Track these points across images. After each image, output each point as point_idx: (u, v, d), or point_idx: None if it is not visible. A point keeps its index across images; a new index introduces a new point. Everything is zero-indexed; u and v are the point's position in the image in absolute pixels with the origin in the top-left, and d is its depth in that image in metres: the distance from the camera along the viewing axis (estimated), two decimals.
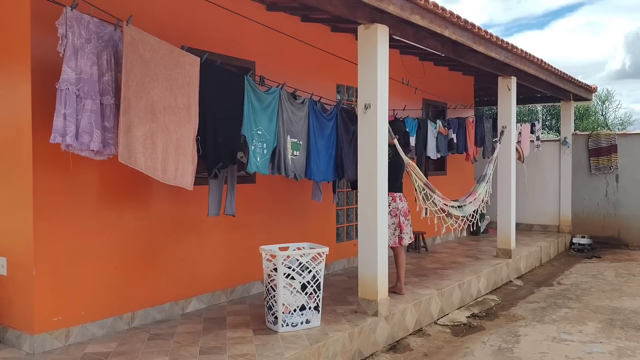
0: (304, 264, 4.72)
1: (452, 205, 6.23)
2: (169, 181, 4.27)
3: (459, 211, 6.43)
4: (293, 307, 4.67)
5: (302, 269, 4.71)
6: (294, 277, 4.65)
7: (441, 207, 5.98)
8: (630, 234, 11.07)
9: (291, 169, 5.47)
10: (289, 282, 4.62)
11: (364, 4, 4.78)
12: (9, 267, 4.34)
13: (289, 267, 4.64)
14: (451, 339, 5.54)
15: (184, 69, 4.40)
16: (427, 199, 5.81)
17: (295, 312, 4.68)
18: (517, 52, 7.71)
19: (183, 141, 4.35)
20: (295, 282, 4.65)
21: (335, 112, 6.10)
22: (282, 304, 4.60)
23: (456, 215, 6.39)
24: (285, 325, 4.64)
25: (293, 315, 4.67)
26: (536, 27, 78.32)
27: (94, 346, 4.30)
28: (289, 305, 4.64)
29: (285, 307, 4.63)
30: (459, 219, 6.47)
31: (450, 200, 6.26)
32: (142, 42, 4.08)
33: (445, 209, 6.09)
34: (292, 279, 4.64)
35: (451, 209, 6.21)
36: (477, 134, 9.56)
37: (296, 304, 4.68)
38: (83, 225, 4.44)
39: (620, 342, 5.40)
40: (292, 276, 4.63)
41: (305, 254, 4.74)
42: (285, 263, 4.62)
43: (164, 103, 4.22)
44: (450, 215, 6.29)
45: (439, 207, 5.93)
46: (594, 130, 16.44)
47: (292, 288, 4.65)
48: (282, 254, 4.63)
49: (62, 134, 3.70)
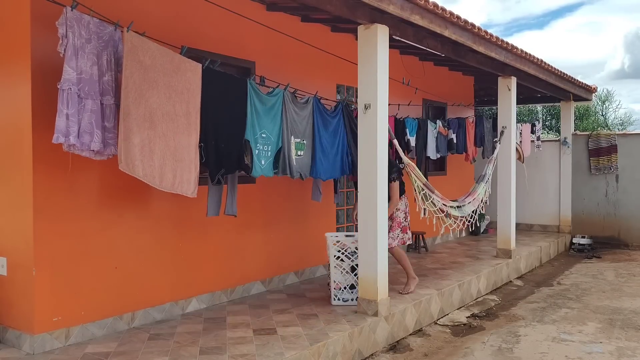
0: (353, 250, 5.45)
1: (451, 205, 6.24)
2: (166, 189, 4.24)
3: (458, 211, 6.44)
4: (343, 284, 5.53)
5: (350, 253, 5.48)
6: (343, 260, 5.50)
7: (440, 207, 5.99)
8: (630, 234, 11.07)
9: (296, 169, 5.46)
10: (338, 263, 5.49)
11: (364, 4, 4.77)
12: (9, 267, 4.34)
13: (339, 250, 5.47)
14: (451, 339, 5.54)
15: (185, 75, 4.37)
16: (426, 199, 5.82)
17: (345, 289, 5.52)
18: (517, 52, 7.71)
19: (181, 149, 4.32)
20: (344, 264, 5.51)
21: (341, 109, 6.11)
22: (333, 281, 5.50)
23: (455, 215, 6.40)
24: (336, 299, 5.50)
25: (343, 292, 5.52)
26: (536, 27, 78.37)
27: (94, 346, 4.30)
28: (339, 283, 5.52)
29: (337, 284, 5.52)
30: (458, 219, 6.47)
31: (449, 201, 6.26)
32: (142, 49, 4.07)
33: (444, 209, 6.10)
34: (341, 260, 5.50)
35: (450, 209, 6.22)
36: (477, 134, 9.55)
37: (346, 282, 5.53)
38: (83, 225, 4.44)
39: (620, 342, 5.40)
40: (341, 258, 5.49)
41: (353, 241, 5.48)
42: (336, 247, 5.48)
43: (162, 110, 4.19)
44: (449, 215, 6.29)
45: (437, 208, 5.94)
46: (594, 130, 16.43)
47: (342, 269, 5.50)
48: (333, 239, 5.53)
49: (65, 134, 3.70)
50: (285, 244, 6.54)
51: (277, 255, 6.42)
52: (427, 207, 5.83)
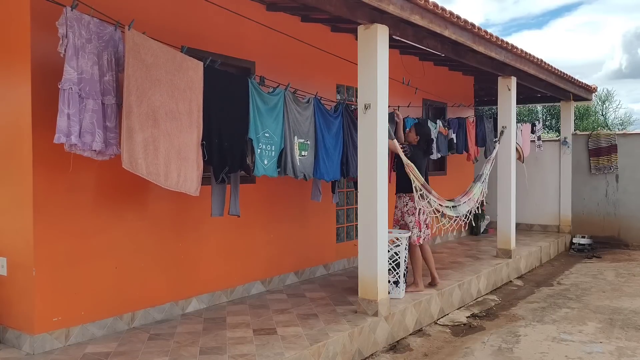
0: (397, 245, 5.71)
1: (446, 205, 6.28)
2: (171, 187, 4.26)
3: (453, 211, 6.46)
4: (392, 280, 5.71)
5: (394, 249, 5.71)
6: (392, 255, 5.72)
7: (436, 207, 6.04)
8: (630, 234, 11.06)
9: (300, 170, 5.46)
10: None
11: (364, 4, 4.77)
12: (9, 267, 4.34)
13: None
14: (451, 339, 5.54)
15: (187, 73, 4.38)
16: (423, 199, 5.86)
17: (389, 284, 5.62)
18: (517, 52, 7.71)
19: (185, 147, 4.34)
20: None
21: (342, 110, 6.11)
22: None
23: (450, 215, 6.43)
24: None
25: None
26: (535, 27, 78.38)
27: (94, 346, 4.30)
28: None
29: None
30: (452, 219, 6.51)
31: (446, 201, 6.29)
32: (144, 47, 4.07)
33: (440, 209, 6.14)
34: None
35: (445, 209, 6.25)
36: (479, 133, 9.55)
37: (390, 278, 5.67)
38: (83, 225, 4.44)
39: (620, 342, 5.40)
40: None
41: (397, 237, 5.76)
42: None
43: (165, 109, 4.21)
44: (444, 215, 6.32)
45: (433, 208, 5.99)
46: (594, 130, 16.43)
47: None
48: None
49: (67, 134, 3.70)
50: (285, 244, 6.54)
51: (277, 255, 6.42)
52: (423, 207, 5.88)
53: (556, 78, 9.63)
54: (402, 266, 5.74)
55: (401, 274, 5.74)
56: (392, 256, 5.69)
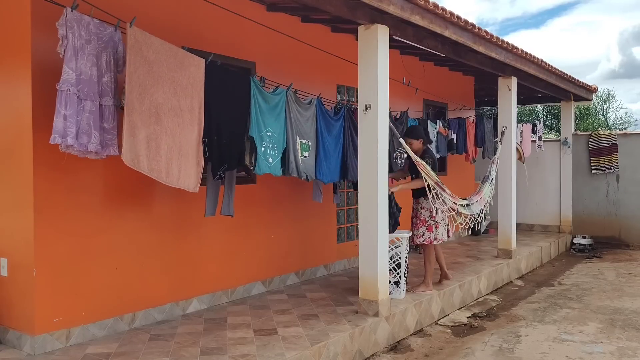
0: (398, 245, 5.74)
1: (460, 203, 6.25)
2: (172, 184, 4.26)
3: (467, 209, 6.46)
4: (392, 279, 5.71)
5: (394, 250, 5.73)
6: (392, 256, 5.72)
7: (451, 205, 6.01)
8: (631, 234, 11.06)
9: (302, 170, 5.45)
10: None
11: (364, 5, 4.77)
12: (10, 268, 4.35)
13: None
14: (452, 340, 5.53)
15: (188, 70, 4.39)
16: (438, 198, 5.84)
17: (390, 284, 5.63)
18: (517, 52, 7.71)
19: (186, 144, 4.34)
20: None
21: (343, 113, 6.10)
22: None
23: (465, 213, 6.42)
24: None
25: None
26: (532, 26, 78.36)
27: (95, 347, 4.30)
28: None
29: None
30: (467, 217, 6.52)
31: (459, 199, 6.27)
32: (145, 44, 4.07)
33: (455, 207, 6.11)
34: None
35: (460, 207, 6.23)
36: (478, 134, 9.54)
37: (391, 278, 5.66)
38: (83, 225, 4.44)
39: (621, 342, 5.40)
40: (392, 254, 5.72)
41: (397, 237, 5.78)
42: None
43: (168, 105, 4.21)
44: (459, 213, 6.31)
45: (448, 206, 5.97)
46: (594, 130, 16.42)
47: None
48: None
49: (62, 135, 3.70)
50: (286, 245, 6.54)
51: (278, 256, 6.42)
52: (438, 206, 5.87)
53: (556, 78, 9.63)
54: (403, 267, 5.73)
55: (402, 275, 5.73)
56: (392, 257, 5.69)
